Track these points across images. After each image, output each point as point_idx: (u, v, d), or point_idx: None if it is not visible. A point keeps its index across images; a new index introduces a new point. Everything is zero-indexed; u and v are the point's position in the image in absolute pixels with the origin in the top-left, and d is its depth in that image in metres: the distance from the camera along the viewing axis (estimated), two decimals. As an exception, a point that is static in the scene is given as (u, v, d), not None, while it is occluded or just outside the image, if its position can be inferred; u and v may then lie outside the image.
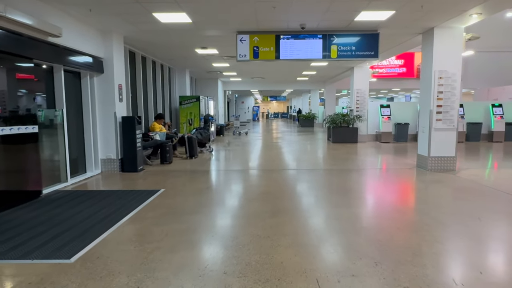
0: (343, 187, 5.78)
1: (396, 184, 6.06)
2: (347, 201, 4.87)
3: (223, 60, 11.27)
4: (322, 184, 6.00)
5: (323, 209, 4.51)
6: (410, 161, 8.46)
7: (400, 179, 6.54)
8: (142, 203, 4.83)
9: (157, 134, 9.12)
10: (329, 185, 5.91)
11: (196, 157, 9.25)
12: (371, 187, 5.87)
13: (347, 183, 6.14)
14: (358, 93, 13.22)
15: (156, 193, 5.39)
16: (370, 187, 5.87)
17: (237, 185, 6.08)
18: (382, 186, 5.89)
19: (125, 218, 4.14)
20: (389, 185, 6.01)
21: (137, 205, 4.73)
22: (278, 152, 10.44)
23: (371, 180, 6.44)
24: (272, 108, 55.66)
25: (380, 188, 5.78)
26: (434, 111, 7.07)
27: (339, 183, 6.14)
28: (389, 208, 4.54)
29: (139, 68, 9.65)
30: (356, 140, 12.90)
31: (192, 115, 12.31)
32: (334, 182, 6.21)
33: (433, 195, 5.23)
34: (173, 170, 7.53)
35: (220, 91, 18.42)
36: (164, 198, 5.10)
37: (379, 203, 4.83)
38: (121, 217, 4.19)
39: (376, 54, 7.17)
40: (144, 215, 4.30)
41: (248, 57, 7.20)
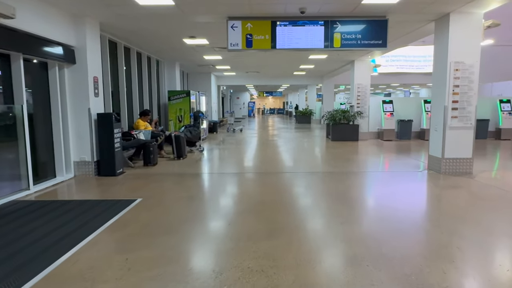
0: (349, 196, 5.00)
1: (409, 191, 5.30)
2: (356, 215, 4.09)
3: (214, 52, 10.42)
4: (325, 191, 5.22)
5: (329, 227, 3.72)
6: (419, 162, 7.71)
7: (413, 184, 5.78)
8: (111, 218, 4.02)
9: (141, 132, 8.28)
10: (333, 192, 5.13)
11: (184, 157, 8.44)
12: (381, 196, 5.09)
13: (353, 190, 5.37)
14: (359, 88, 12.44)
15: (131, 204, 4.57)
16: (380, 196, 5.09)
17: (228, 192, 5.28)
18: (394, 194, 5.12)
19: (84, 242, 3.32)
20: (401, 192, 5.24)
21: (105, 221, 3.91)
22: (275, 152, 9.65)
23: (380, 186, 5.66)
24: (268, 104, 54.79)
25: (392, 196, 5.01)
26: (449, 107, 6.30)
27: (344, 189, 5.36)
28: (407, 225, 3.76)
29: (121, 59, 8.77)
30: (357, 138, 12.14)
31: (182, 112, 11.46)
32: (338, 188, 5.43)
33: (456, 206, 4.47)
34: (156, 173, 6.71)
35: (213, 86, 17.55)
36: (139, 211, 4.29)
37: (395, 217, 4.05)
38: (80, 239, 3.37)
39: (385, 43, 6.38)
40: (109, 236, 3.48)
41: (240, 46, 6.36)
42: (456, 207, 4.40)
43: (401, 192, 5.23)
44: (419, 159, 8.16)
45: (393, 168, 7.32)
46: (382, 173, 6.68)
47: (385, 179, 6.18)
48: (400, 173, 6.63)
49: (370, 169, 7.25)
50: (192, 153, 9.32)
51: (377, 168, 7.38)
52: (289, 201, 4.69)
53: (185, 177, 6.39)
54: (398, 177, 6.28)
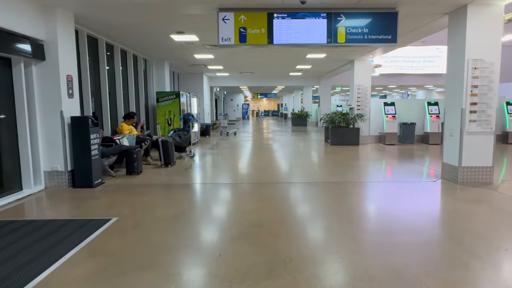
0: (359, 214, 4.31)
1: (428, 207, 4.61)
2: (374, 242, 3.39)
3: (206, 50, 9.69)
4: (330, 208, 4.51)
5: (342, 258, 3.01)
6: (429, 170, 7.05)
7: (430, 198, 5.10)
8: (74, 247, 3.27)
9: (124, 137, 7.53)
10: (340, 209, 4.42)
11: (172, 164, 7.69)
12: (396, 214, 4.39)
13: (362, 206, 4.68)
14: (359, 89, 11.79)
15: (104, 226, 3.82)
16: (395, 214, 4.40)
17: (219, 209, 4.55)
18: (411, 212, 4.44)
19: (30, 285, 2.57)
20: (419, 208, 4.56)
21: (65, 251, 3.16)
22: (271, 157, 8.94)
23: (393, 201, 4.97)
24: (262, 106, 54.12)
25: (409, 215, 4.32)
26: (467, 110, 5.65)
27: (352, 206, 4.67)
28: (436, 256, 3.07)
29: (103, 57, 8.00)
30: (358, 142, 11.48)
31: (171, 114, 10.71)
32: (345, 204, 4.73)
33: (485, 226, 3.79)
34: (139, 184, 5.96)
35: (206, 87, 16.82)
36: (111, 236, 3.54)
37: (420, 242, 3.36)
38: (24, 282, 2.62)
39: (394, 38, 5.71)
40: (64, 275, 2.74)
41: (232, 40, 5.65)
42: (486, 227, 3.73)
43: (419, 208, 4.55)
44: (428, 166, 7.51)
45: (402, 177, 6.65)
46: (392, 184, 6.01)
47: (396, 191, 5.50)
48: (412, 184, 5.96)
49: (377, 178, 6.57)
50: (182, 159, 8.57)
51: (385, 177, 6.71)
52: (290, 221, 3.98)
53: (171, 188, 5.65)
54: (411, 189, 5.60)
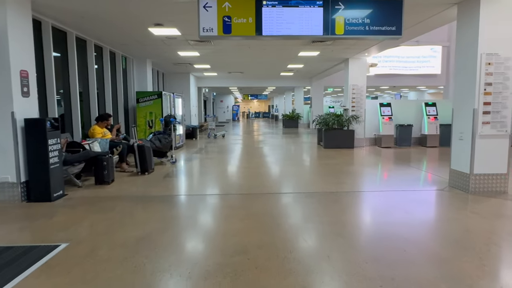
0: (368, 236, 3.60)
1: (445, 226, 3.93)
2: (384, 273, 2.67)
3: (190, 46, 8.93)
4: (330, 226, 3.79)
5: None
6: (433, 176, 6.41)
7: (442, 212, 4.43)
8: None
9: (96, 141, 6.71)
10: (341, 228, 3.71)
11: (150, 171, 6.90)
12: (410, 234, 3.69)
13: (368, 224, 3.97)
14: (354, 89, 11.17)
15: (48, 256, 3.04)
16: (409, 233, 3.69)
17: (195, 230, 3.79)
18: (426, 230, 3.75)
19: None
20: (434, 226, 3.87)
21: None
22: (261, 163, 8.20)
23: (400, 216, 4.27)
24: (253, 107, 53.46)
25: (425, 234, 3.63)
26: (479, 110, 5.01)
27: (356, 224, 3.97)
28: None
29: (72, 53, 7.18)
30: (353, 144, 10.84)
31: (153, 116, 9.90)
32: (347, 221, 4.02)
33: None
34: (107, 196, 5.16)
35: (193, 88, 16.01)
36: (50, 273, 2.76)
37: (447, 276, 2.66)
38: None
39: (399, 30, 5.03)
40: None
41: (215, 31, 4.90)
42: (523, 254, 3.05)
43: (434, 226, 3.86)
44: (431, 172, 6.87)
45: (405, 185, 5.99)
46: (395, 194, 5.32)
47: (402, 203, 4.82)
48: (418, 194, 5.29)
49: (378, 187, 5.89)
50: (163, 166, 7.78)
51: (386, 185, 6.03)
52: (282, 247, 3.24)
53: (143, 202, 4.87)
54: (419, 200, 4.92)
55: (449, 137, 5.68)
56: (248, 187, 5.76)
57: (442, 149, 10.54)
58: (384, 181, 6.36)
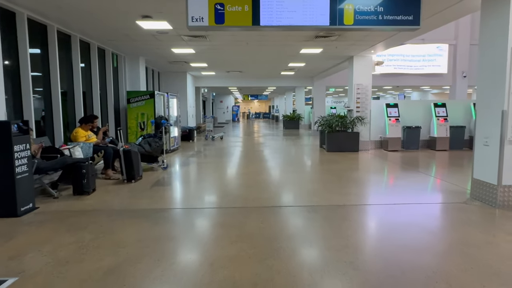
0: (383, 265, 2.96)
1: (479, 253, 3.28)
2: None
3: (184, 43, 8.30)
4: (340, 253, 3.14)
5: None
6: (450, 185, 5.76)
7: (471, 232, 3.76)
8: None
9: (77, 146, 6.08)
10: (355, 256, 3.07)
11: (138, 179, 6.26)
12: (436, 259, 3.04)
13: (382, 247, 3.33)
14: (358, 89, 10.53)
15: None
16: (434, 260, 3.04)
17: (176, 258, 3.15)
18: (460, 259, 3.11)
19: None
20: (469, 255, 3.23)
21: None
22: (260, 169, 7.56)
23: (421, 235, 3.63)
24: (253, 108, 52.84)
25: (461, 267, 2.98)
26: (510, 112, 4.37)
27: (369, 248, 3.33)
28: None
29: (54, 49, 6.55)
30: (357, 148, 10.20)
31: (145, 117, 9.27)
32: (360, 245, 3.38)
33: None
34: (83, 210, 4.53)
35: (190, 87, 15.38)
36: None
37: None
38: None
39: (417, 19, 4.40)
40: None
41: (206, 20, 4.27)
42: None
43: (464, 251, 3.21)
44: (447, 180, 6.22)
45: (421, 196, 5.35)
46: (412, 208, 4.68)
47: (421, 220, 4.17)
48: (437, 207, 4.66)
49: (391, 198, 5.24)
50: (153, 172, 7.15)
51: (399, 196, 5.38)
52: (283, 285, 2.60)
53: (123, 217, 4.23)
54: (440, 216, 4.28)
55: (459, 140, 5.02)
56: (244, 198, 5.11)
57: (452, 152, 9.90)
58: (395, 192, 5.71)
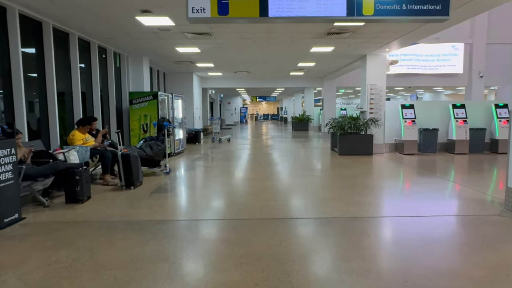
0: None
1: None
2: None
3: (188, 41, 7.89)
4: (364, 279, 2.65)
5: None
6: (477, 193, 5.21)
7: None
8: None
9: (73, 150, 5.68)
10: (381, 284, 2.58)
11: (138, 185, 5.86)
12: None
13: (413, 273, 2.82)
14: (372, 89, 9.99)
15: None
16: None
17: (176, 284, 2.69)
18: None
19: None
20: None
21: None
22: (269, 174, 7.09)
23: (459, 257, 3.12)
24: (261, 109, 52.42)
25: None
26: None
27: (397, 272, 2.82)
28: None
29: (49, 47, 6.18)
30: (371, 151, 9.67)
31: (148, 119, 8.88)
32: (385, 268, 2.89)
33: None
34: (73, 221, 4.11)
35: (196, 88, 15.00)
36: None
37: None
38: None
39: (446, 9, 3.89)
40: None
41: (208, 12, 3.83)
42: None
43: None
44: (473, 187, 5.66)
45: (447, 206, 4.82)
46: (440, 221, 4.16)
47: (454, 236, 3.65)
48: (469, 220, 4.12)
49: (413, 209, 4.71)
50: (155, 177, 6.74)
51: (423, 206, 4.84)
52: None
53: (115, 231, 3.79)
54: (474, 232, 3.76)
55: (480, 143, 4.50)
56: (251, 208, 4.65)
57: (473, 156, 9.29)
58: (417, 201, 5.18)
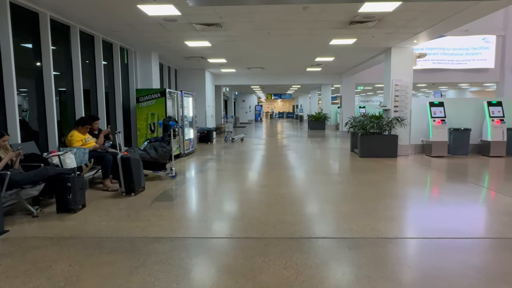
0: None
1: None
2: None
3: (197, 32, 7.30)
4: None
5: None
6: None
7: None
8: None
9: (69, 152, 5.18)
10: None
11: (140, 191, 5.33)
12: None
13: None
14: (397, 85, 9.19)
15: None
16: None
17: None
18: None
19: None
20: None
21: None
22: (284, 179, 6.44)
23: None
24: (276, 107, 51.65)
25: None
26: None
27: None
28: None
29: (46, 40, 5.70)
30: (396, 153, 8.88)
31: (155, 118, 8.36)
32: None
33: None
34: (59, 236, 3.58)
35: (209, 86, 14.45)
36: None
37: None
38: None
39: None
40: None
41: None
42: None
43: None
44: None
45: (502, 225, 4.07)
46: (498, 244, 3.43)
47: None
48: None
49: (462, 228, 3.96)
50: (160, 181, 6.21)
51: (472, 224, 4.10)
52: None
53: (103, 251, 3.24)
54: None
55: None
56: (263, 223, 4.01)
57: (511, 160, 8.40)
58: (462, 216, 4.42)
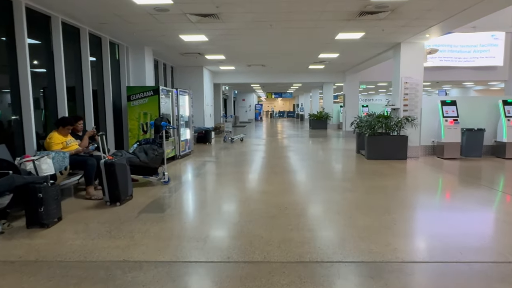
0: None
1: None
2: None
3: (192, 25, 6.71)
4: None
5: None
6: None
7: None
8: None
9: (47, 157, 4.60)
10: None
11: (126, 199, 4.77)
12: None
13: None
14: (407, 83, 8.61)
15: None
16: None
17: None
18: None
19: None
20: None
21: None
22: (285, 185, 5.86)
23: None
24: (277, 106, 51.06)
25: None
26: None
27: None
28: None
29: (21, 32, 5.10)
30: (405, 155, 8.31)
31: (148, 117, 7.78)
32: None
33: None
34: (21, 260, 3.00)
35: (207, 84, 13.86)
36: None
37: None
38: None
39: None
40: None
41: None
42: None
43: None
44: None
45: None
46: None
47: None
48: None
49: (492, 245, 3.40)
50: (151, 187, 5.63)
51: (504, 243, 3.53)
52: None
53: (68, 281, 2.67)
54: None
55: None
56: (266, 242, 3.42)
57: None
58: (500, 230, 3.85)
